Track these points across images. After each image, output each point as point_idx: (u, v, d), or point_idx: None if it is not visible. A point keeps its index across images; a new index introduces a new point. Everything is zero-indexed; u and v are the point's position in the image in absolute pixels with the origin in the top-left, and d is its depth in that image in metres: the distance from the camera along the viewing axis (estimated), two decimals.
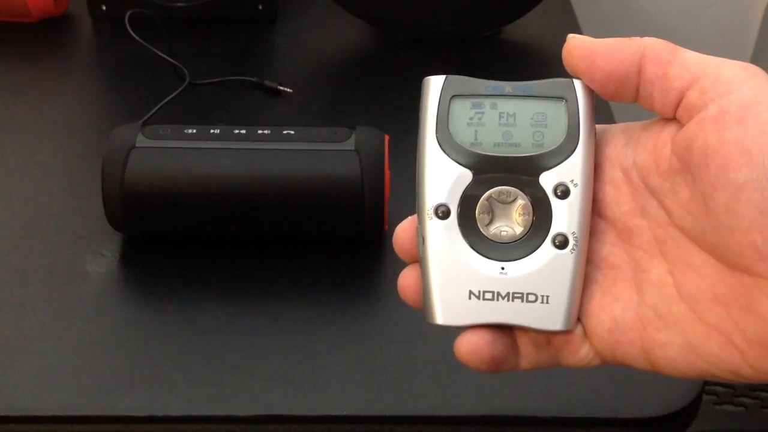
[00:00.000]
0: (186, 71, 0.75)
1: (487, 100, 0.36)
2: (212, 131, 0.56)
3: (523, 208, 0.36)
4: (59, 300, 0.54)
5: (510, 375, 0.37)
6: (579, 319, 0.36)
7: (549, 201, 0.36)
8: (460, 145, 0.36)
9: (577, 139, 0.35)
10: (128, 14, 0.77)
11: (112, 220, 0.56)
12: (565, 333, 0.36)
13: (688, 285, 0.33)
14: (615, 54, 0.34)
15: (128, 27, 0.76)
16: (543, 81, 0.36)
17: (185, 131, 0.56)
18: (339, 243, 0.57)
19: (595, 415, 0.47)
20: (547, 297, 0.35)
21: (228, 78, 0.77)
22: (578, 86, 0.36)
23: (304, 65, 0.84)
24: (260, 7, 0.87)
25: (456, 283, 0.36)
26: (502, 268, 0.35)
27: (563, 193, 0.35)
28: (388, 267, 0.57)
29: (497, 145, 0.36)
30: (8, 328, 0.51)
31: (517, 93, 0.36)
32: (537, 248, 0.36)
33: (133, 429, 0.47)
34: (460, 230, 0.36)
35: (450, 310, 0.36)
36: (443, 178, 0.36)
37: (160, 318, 0.53)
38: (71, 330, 0.51)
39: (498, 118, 0.36)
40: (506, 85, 0.36)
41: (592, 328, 0.35)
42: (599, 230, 0.36)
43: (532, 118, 0.36)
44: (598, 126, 0.37)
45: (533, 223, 0.36)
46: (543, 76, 0.37)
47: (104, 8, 0.86)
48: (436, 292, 0.36)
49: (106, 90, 0.82)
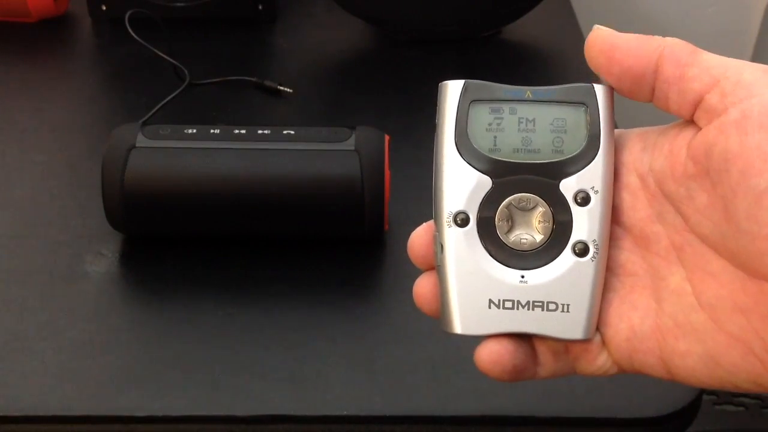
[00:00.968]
0: (186, 71, 0.75)
1: (506, 105, 0.36)
2: (212, 131, 0.56)
3: (543, 216, 0.35)
4: (59, 300, 0.54)
5: None
6: (597, 328, 0.35)
7: (569, 208, 0.35)
8: (479, 151, 0.35)
9: (598, 146, 0.35)
10: (128, 14, 0.77)
11: (112, 220, 0.56)
12: (585, 342, 0.35)
13: (708, 293, 0.33)
14: (634, 51, 0.34)
15: (128, 27, 0.76)
16: (563, 86, 0.36)
17: (185, 131, 0.56)
18: (339, 243, 0.57)
19: (595, 415, 0.47)
20: (568, 306, 0.35)
21: (228, 78, 0.77)
22: (599, 91, 0.35)
23: (304, 65, 0.84)
24: (260, 7, 0.87)
25: (475, 292, 0.35)
26: (522, 277, 0.35)
27: (583, 200, 0.35)
28: (388, 267, 0.57)
29: (516, 151, 0.35)
30: (8, 328, 0.51)
31: (537, 98, 0.36)
32: (557, 256, 0.35)
33: (133, 429, 0.47)
34: (480, 238, 0.35)
35: (469, 319, 0.35)
36: (462, 185, 0.35)
37: (160, 318, 0.53)
38: (71, 330, 0.51)
39: (517, 124, 0.35)
40: (526, 90, 0.36)
41: (610, 337, 0.35)
42: (616, 237, 0.36)
43: (552, 124, 0.35)
44: (615, 131, 0.36)
45: (553, 231, 0.35)
46: (543, 76, 0.36)
47: (104, 8, 0.86)
48: (455, 301, 0.35)
49: (106, 90, 0.82)
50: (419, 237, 0.37)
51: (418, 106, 0.36)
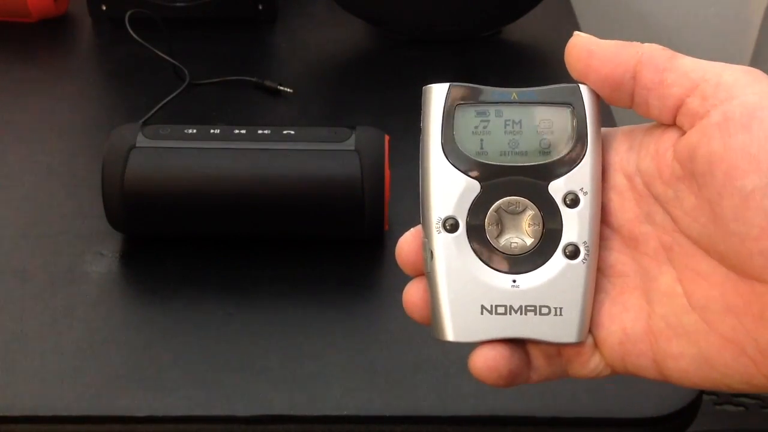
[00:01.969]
0: (186, 71, 0.75)
1: (492, 108, 0.35)
2: (212, 131, 0.56)
3: (533, 219, 0.35)
4: (59, 300, 0.54)
5: None
6: (589, 330, 0.35)
7: (559, 210, 0.35)
8: (466, 155, 0.35)
9: (585, 146, 0.35)
10: (128, 14, 0.77)
11: (112, 220, 0.56)
12: (577, 345, 0.35)
13: (699, 294, 0.33)
14: (611, 58, 0.34)
15: (128, 27, 0.76)
16: (548, 87, 0.36)
17: (185, 131, 0.56)
18: (339, 243, 0.57)
19: (595, 415, 0.47)
20: (560, 309, 0.35)
21: (228, 78, 0.77)
22: (584, 92, 0.35)
23: (304, 65, 0.84)
24: (260, 7, 0.87)
25: (467, 298, 0.35)
26: (514, 281, 0.35)
27: (573, 202, 0.35)
28: (388, 267, 0.57)
29: (504, 154, 0.35)
30: (8, 328, 0.51)
31: (523, 99, 0.35)
32: (548, 259, 0.35)
33: (133, 429, 0.47)
34: (470, 243, 0.35)
35: (462, 326, 0.35)
36: (450, 190, 0.35)
37: (161, 318, 0.53)
38: (71, 330, 0.51)
39: (504, 126, 0.35)
40: (511, 92, 0.35)
41: (603, 339, 0.35)
42: (604, 237, 0.35)
43: (539, 125, 0.35)
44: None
45: (543, 234, 0.35)
46: (543, 77, 0.36)
47: (104, 8, 0.86)
48: (447, 308, 0.35)
49: (106, 90, 0.82)
50: (407, 243, 0.36)
51: (418, 106, 0.36)
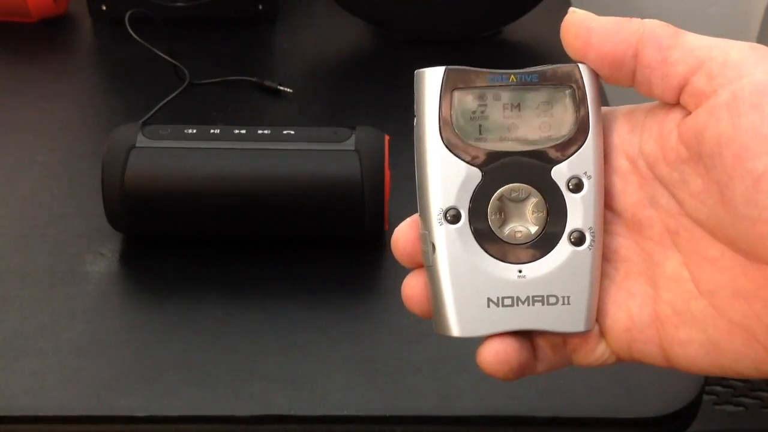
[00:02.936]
0: (186, 71, 0.75)
1: (490, 92, 0.34)
2: (212, 131, 0.56)
3: (537, 206, 0.34)
4: (59, 300, 0.54)
5: None
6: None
7: (563, 196, 0.34)
8: (466, 142, 0.34)
9: (587, 129, 0.34)
10: (128, 14, 0.77)
11: (112, 220, 0.56)
12: (585, 333, 0.34)
13: (707, 279, 0.32)
14: (612, 35, 0.32)
15: (128, 27, 0.76)
16: (547, 67, 0.34)
17: (185, 131, 0.56)
18: (339, 243, 0.57)
19: (595, 415, 0.47)
20: (568, 298, 0.34)
21: (228, 78, 0.77)
22: (584, 71, 0.34)
23: (304, 65, 0.84)
24: (260, 7, 0.87)
25: (473, 292, 0.33)
26: (520, 271, 0.34)
27: (576, 187, 0.34)
28: (388, 267, 0.57)
29: (503, 140, 0.34)
30: (8, 328, 0.51)
31: (521, 82, 0.34)
32: (554, 247, 0.34)
33: (133, 429, 0.47)
34: (473, 234, 0.34)
35: (468, 321, 0.34)
36: (451, 179, 0.33)
37: (160, 318, 0.53)
38: (71, 330, 0.51)
39: (502, 110, 0.34)
40: (509, 74, 0.34)
41: (608, 327, 0.34)
42: (607, 222, 0.34)
43: (538, 108, 0.34)
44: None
45: (547, 221, 0.34)
46: None
47: (104, 8, 0.86)
48: (451, 303, 0.34)
49: (106, 90, 0.82)
50: (403, 234, 0.35)
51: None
